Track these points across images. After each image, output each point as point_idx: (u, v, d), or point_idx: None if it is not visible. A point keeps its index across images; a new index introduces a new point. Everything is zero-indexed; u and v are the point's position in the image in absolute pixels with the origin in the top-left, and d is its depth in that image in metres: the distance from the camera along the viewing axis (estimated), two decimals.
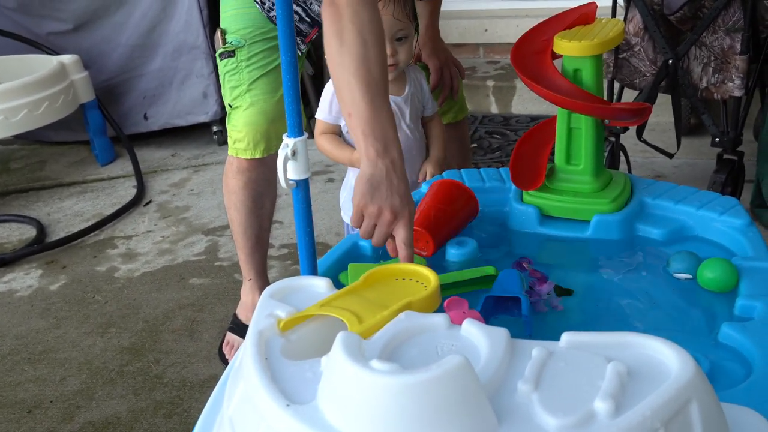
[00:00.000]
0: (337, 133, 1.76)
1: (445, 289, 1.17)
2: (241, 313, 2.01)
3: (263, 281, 1.97)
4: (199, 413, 1.77)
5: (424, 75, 1.85)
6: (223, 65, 1.78)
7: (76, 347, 2.10)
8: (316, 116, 1.75)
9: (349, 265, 1.20)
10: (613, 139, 2.55)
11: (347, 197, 1.85)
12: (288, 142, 1.03)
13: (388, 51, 1.63)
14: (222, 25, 1.80)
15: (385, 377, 0.69)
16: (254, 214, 1.88)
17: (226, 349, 1.98)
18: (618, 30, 1.34)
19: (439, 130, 1.86)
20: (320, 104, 1.75)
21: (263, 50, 1.77)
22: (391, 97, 1.73)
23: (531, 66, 1.35)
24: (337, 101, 1.71)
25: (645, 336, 0.79)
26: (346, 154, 1.73)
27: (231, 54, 1.77)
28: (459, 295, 1.12)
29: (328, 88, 1.73)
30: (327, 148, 1.76)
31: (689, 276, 1.19)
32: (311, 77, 3.48)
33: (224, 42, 1.77)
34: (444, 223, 1.34)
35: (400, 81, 1.77)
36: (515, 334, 0.84)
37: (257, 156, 1.79)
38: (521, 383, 0.75)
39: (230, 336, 1.99)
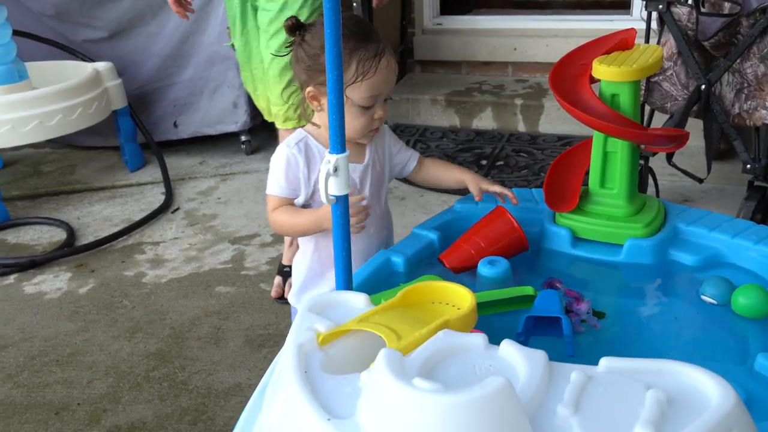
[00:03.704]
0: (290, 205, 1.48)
1: (484, 307, 1.18)
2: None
3: None
4: (224, 421, 1.80)
5: (389, 133, 1.58)
6: None
7: (103, 351, 2.13)
8: (267, 193, 1.48)
9: (381, 295, 1.18)
10: (642, 162, 2.55)
11: (303, 281, 1.56)
12: (330, 159, 1.05)
13: (381, 112, 1.42)
14: None
15: (429, 396, 0.70)
16: None
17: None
18: (657, 57, 1.34)
19: (443, 162, 1.64)
20: (270, 178, 1.47)
21: None
22: (352, 166, 1.46)
23: (569, 89, 1.36)
24: (293, 173, 1.43)
25: (684, 364, 0.80)
26: (306, 216, 1.44)
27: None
28: (494, 314, 1.13)
29: (278, 159, 1.46)
30: (283, 219, 1.45)
31: (714, 301, 1.19)
32: None
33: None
34: (472, 257, 1.35)
35: (361, 147, 1.50)
36: (557, 354, 0.84)
37: None
38: (561, 407, 0.75)
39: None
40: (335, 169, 1.05)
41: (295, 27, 1.42)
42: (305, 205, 1.48)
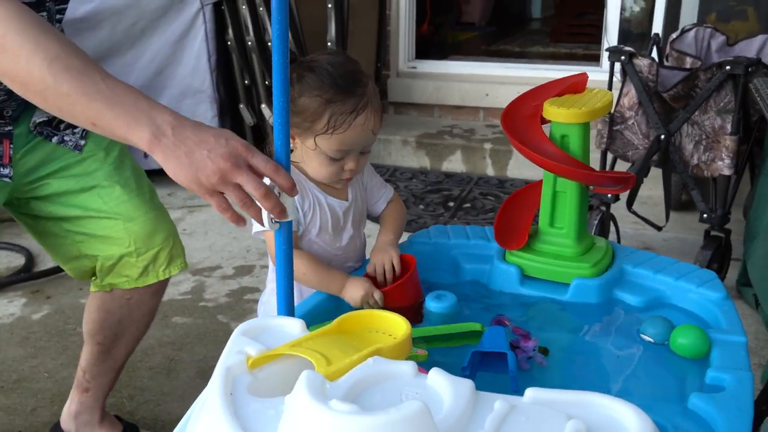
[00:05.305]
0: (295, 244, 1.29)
1: (431, 341, 1.19)
2: None
3: None
4: None
5: (367, 167, 1.50)
6: None
7: (50, 378, 2.08)
8: (264, 229, 1.22)
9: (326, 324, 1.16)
10: (603, 208, 2.58)
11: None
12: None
13: (352, 165, 1.36)
14: None
15: (344, 417, 0.69)
16: None
17: None
18: (606, 101, 1.37)
19: (399, 209, 1.55)
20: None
21: None
22: (336, 202, 1.43)
23: (520, 129, 1.38)
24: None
25: (606, 397, 0.80)
26: (336, 278, 1.34)
27: None
28: (442, 348, 1.14)
29: None
30: (306, 271, 1.32)
31: (653, 340, 1.20)
32: (251, 128, 3.50)
33: None
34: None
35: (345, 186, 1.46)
36: (502, 390, 0.84)
37: None
38: None
39: None
40: (279, 195, 1.06)
41: None
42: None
